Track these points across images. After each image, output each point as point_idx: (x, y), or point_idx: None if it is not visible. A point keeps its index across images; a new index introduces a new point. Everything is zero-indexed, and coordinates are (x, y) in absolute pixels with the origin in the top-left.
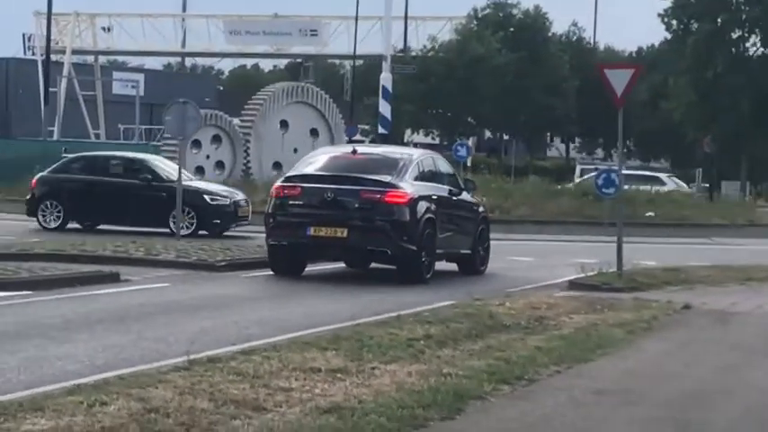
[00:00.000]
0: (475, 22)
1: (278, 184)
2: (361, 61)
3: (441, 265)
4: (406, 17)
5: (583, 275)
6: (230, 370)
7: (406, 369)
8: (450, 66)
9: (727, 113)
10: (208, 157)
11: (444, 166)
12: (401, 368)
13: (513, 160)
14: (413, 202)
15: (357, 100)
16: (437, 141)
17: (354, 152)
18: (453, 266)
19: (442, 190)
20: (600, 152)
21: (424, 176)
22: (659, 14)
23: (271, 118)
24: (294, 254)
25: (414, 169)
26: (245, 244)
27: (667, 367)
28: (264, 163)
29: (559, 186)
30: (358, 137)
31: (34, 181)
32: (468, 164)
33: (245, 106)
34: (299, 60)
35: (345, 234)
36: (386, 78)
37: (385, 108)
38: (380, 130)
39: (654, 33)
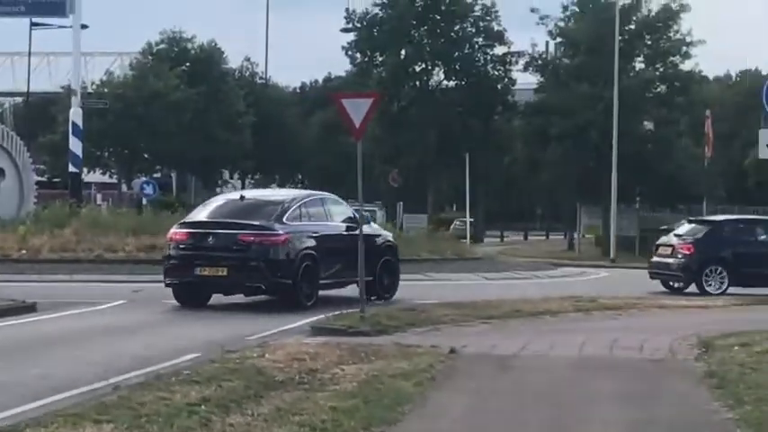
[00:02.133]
0: (150, 58)
1: (173, 230)
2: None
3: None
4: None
5: (324, 318)
6: None
7: None
8: (127, 102)
9: (414, 146)
10: None
11: (335, 205)
12: None
13: (193, 197)
14: (287, 242)
15: (29, 138)
16: (115, 180)
17: (242, 198)
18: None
19: (330, 227)
20: (275, 187)
21: (307, 216)
22: (343, 47)
23: None
24: (188, 290)
25: (294, 211)
26: None
27: (491, 428)
28: None
29: None
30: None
31: None
32: (144, 202)
33: None
34: None
35: (225, 273)
36: (76, 114)
37: (75, 145)
38: (71, 168)
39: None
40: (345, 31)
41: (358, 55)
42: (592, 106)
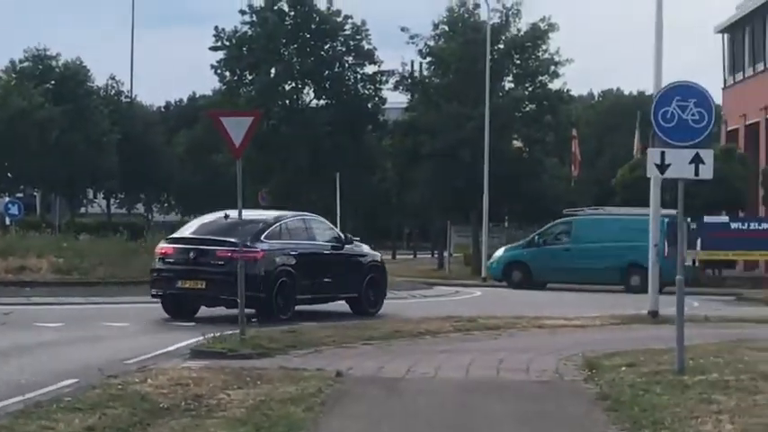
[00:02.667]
0: (14, 75)
1: (160, 244)
2: None
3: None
4: None
5: (203, 341)
6: None
7: None
8: None
9: (284, 165)
10: None
11: (319, 225)
12: None
13: (57, 217)
14: (263, 258)
15: None
16: None
17: (226, 217)
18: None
19: (312, 246)
20: (141, 207)
21: (288, 235)
22: (212, 66)
23: None
24: (172, 302)
25: (274, 230)
26: None
27: None
28: None
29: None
30: None
31: None
32: (8, 222)
33: None
34: None
35: (204, 286)
36: None
37: None
38: None
39: (184, 88)
40: (214, 49)
41: (227, 73)
42: (462, 125)
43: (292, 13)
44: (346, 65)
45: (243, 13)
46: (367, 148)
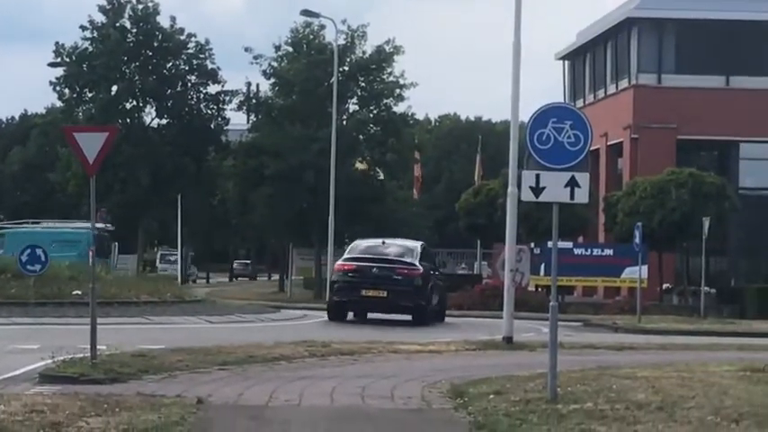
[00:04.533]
0: None
1: (339, 263)
2: None
3: None
4: None
5: (53, 366)
6: None
7: None
8: None
9: (124, 184)
10: None
11: (429, 251)
12: None
13: None
14: (424, 274)
15: None
16: None
17: (383, 243)
18: None
19: (433, 267)
20: None
21: (424, 258)
22: (51, 82)
23: None
24: (348, 307)
25: (419, 253)
26: None
27: None
28: None
29: None
30: None
31: None
32: None
33: None
34: None
35: (386, 295)
36: None
37: None
38: None
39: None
40: (53, 65)
41: (66, 90)
42: (307, 147)
43: (134, 30)
44: (189, 84)
45: (84, 28)
46: (209, 169)
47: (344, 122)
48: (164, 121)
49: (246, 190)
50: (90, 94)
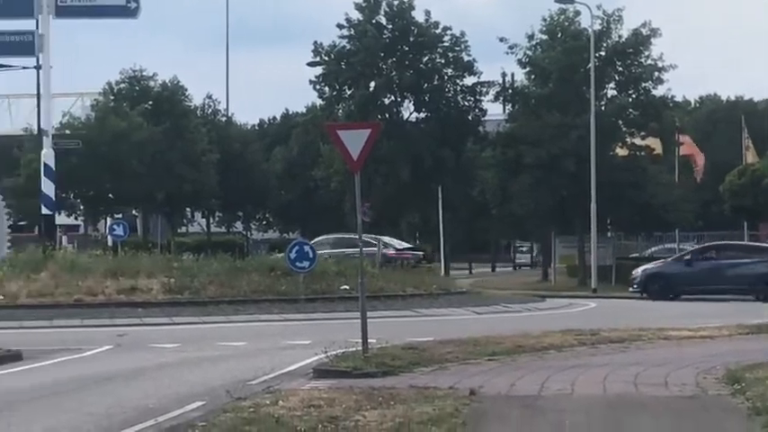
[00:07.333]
0: (112, 97)
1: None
2: None
3: None
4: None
5: (326, 360)
6: None
7: None
8: (90, 143)
9: (385, 179)
10: None
11: None
12: None
13: (159, 237)
14: None
15: None
16: (78, 221)
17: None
18: None
19: None
20: (239, 225)
21: None
22: (311, 81)
23: None
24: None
25: None
26: None
27: None
28: None
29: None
30: None
31: None
32: (110, 242)
33: None
34: None
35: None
36: (48, 155)
37: (48, 187)
38: (44, 210)
39: (276, 105)
40: (312, 64)
41: (326, 89)
42: (565, 135)
43: (390, 26)
44: (446, 77)
45: (341, 27)
46: (467, 160)
47: (603, 108)
48: (421, 115)
49: (506, 180)
50: (349, 91)
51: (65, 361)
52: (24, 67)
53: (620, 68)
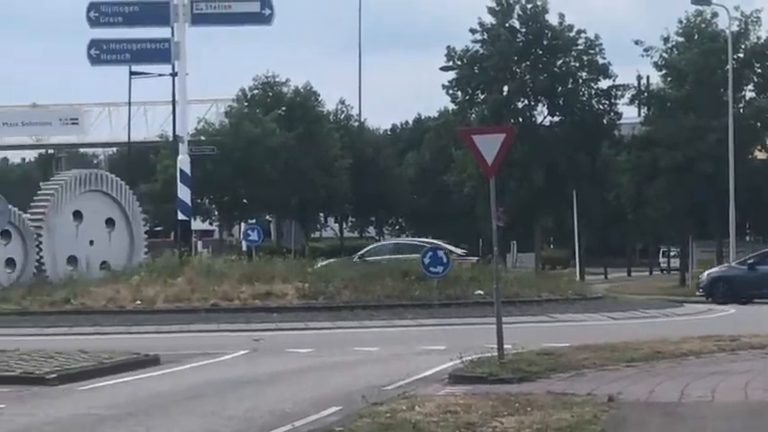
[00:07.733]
0: (245, 103)
1: None
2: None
3: None
4: (174, 100)
5: (462, 366)
6: None
7: None
8: (225, 148)
9: (519, 183)
10: None
11: None
12: None
13: (293, 242)
14: None
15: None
16: (212, 226)
17: None
18: None
19: None
20: (372, 230)
21: None
22: (444, 86)
23: (63, 209)
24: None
25: None
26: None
27: None
28: (58, 258)
29: None
30: None
31: None
32: (244, 248)
33: (35, 198)
34: (50, 152)
35: None
36: (183, 161)
37: (184, 192)
38: (180, 216)
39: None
40: (445, 69)
41: (459, 93)
42: (702, 137)
43: (524, 30)
44: (580, 80)
45: (473, 31)
46: (603, 164)
47: (741, 110)
48: (556, 119)
49: (641, 183)
50: (481, 96)
51: (202, 365)
52: (160, 75)
53: (760, 70)
